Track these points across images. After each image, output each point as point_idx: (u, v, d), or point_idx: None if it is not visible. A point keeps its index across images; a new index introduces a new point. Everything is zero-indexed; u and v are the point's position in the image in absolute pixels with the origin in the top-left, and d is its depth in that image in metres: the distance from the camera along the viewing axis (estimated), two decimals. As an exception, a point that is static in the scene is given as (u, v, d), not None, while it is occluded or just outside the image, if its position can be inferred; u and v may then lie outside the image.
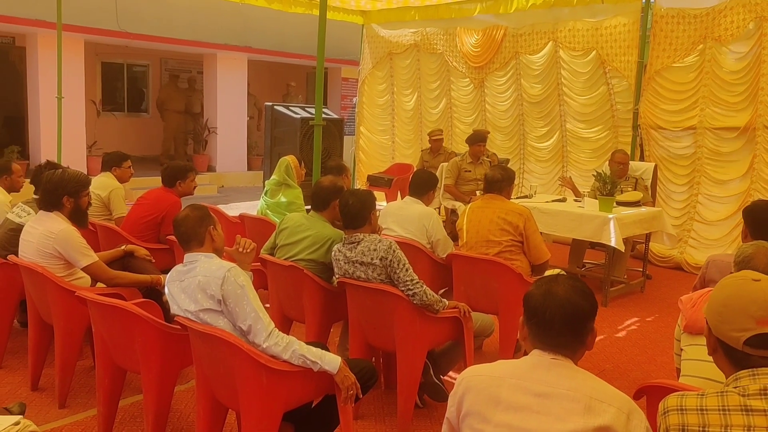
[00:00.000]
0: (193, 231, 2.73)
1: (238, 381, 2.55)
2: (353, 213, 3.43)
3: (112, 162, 5.22)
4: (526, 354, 1.70)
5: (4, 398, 3.62)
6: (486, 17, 8.64)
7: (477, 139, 6.89)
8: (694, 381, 2.29)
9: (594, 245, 6.35)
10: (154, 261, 4.13)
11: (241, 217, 5.37)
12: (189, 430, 3.34)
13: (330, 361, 2.62)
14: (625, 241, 5.55)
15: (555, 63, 8.19)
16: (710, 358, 2.27)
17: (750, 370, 1.46)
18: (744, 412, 1.39)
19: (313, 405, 2.98)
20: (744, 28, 6.55)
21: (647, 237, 6.26)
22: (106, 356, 3.09)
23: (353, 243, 3.39)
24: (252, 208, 5.52)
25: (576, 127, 8.13)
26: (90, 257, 3.53)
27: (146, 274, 3.83)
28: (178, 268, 2.75)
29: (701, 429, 1.40)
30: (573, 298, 1.63)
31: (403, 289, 3.25)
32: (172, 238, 4.44)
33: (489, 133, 7.67)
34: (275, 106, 9.58)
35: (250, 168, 13.66)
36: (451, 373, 3.95)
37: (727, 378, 1.52)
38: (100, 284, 3.69)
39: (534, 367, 1.64)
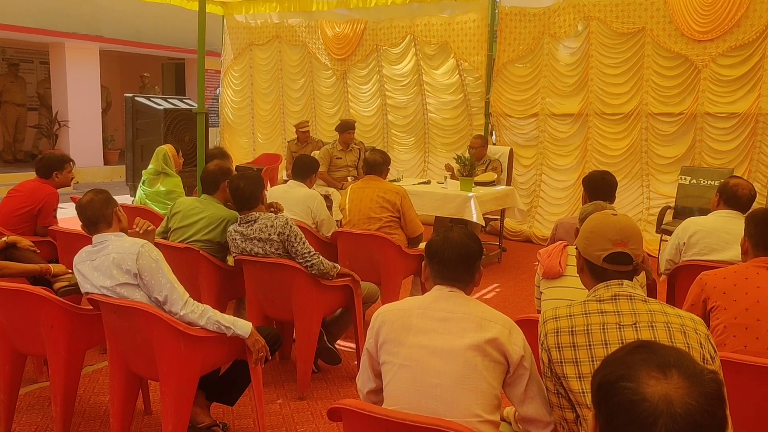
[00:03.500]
0: (100, 213, 2.86)
1: (157, 349, 2.71)
2: (246, 195, 3.65)
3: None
4: None
5: None
6: (347, 11, 9.02)
7: (347, 127, 7.26)
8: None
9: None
10: (38, 251, 4.07)
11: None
12: (94, 412, 3.41)
13: (242, 326, 2.87)
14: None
15: (414, 56, 8.75)
16: (564, 297, 2.82)
17: (604, 282, 1.91)
18: (600, 313, 1.84)
19: (221, 373, 3.21)
20: (574, 27, 7.48)
21: (502, 213, 6.99)
22: (6, 342, 3.09)
23: (250, 222, 3.61)
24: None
25: (436, 116, 8.75)
26: (-26, 249, 3.46)
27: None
28: (87, 248, 2.85)
29: (570, 329, 1.83)
30: (466, 242, 2.04)
31: (301, 261, 3.53)
32: (54, 228, 4.39)
33: (356, 122, 8.06)
34: (136, 98, 9.33)
35: (106, 163, 13.07)
36: (340, 341, 4.30)
37: (589, 292, 1.97)
38: (-17, 277, 3.60)
39: (436, 299, 2.03)
